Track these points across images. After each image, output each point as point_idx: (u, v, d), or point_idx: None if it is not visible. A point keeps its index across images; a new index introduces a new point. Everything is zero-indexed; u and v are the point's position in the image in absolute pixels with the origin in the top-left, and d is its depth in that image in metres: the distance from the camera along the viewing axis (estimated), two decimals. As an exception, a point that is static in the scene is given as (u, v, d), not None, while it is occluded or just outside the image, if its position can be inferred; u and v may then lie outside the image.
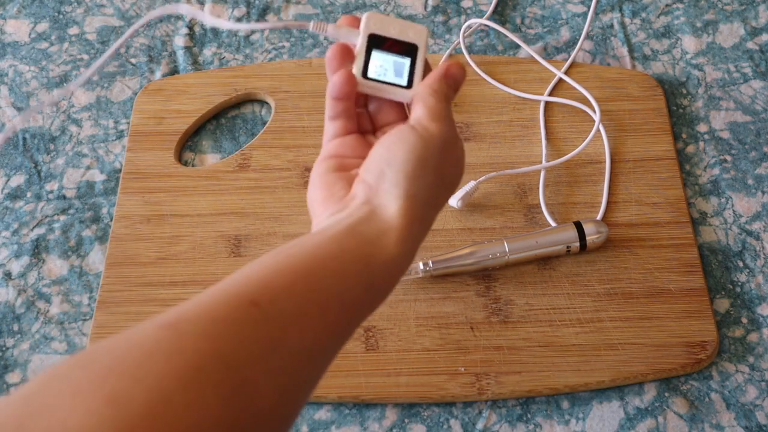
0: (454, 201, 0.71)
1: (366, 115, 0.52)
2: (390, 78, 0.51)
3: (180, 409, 0.34)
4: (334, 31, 0.51)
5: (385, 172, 0.46)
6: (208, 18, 0.52)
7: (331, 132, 0.51)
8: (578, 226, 0.69)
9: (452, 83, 0.50)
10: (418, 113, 0.48)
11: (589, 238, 0.68)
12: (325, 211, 0.48)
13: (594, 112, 0.76)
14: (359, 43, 0.50)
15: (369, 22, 0.51)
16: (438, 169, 0.47)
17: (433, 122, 0.48)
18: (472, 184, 0.71)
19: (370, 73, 0.50)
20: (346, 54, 0.50)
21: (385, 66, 0.51)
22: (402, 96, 0.50)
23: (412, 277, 0.67)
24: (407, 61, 0.51)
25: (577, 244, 0.68)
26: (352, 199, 0.47)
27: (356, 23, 0.51)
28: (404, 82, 0.51)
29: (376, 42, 0.51)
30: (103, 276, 0.69)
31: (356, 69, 0.50)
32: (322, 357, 0.43)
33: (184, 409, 0.34)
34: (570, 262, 0.69)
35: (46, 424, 0.32)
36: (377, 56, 0.51)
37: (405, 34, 0.51)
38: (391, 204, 0.46)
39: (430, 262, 0.67)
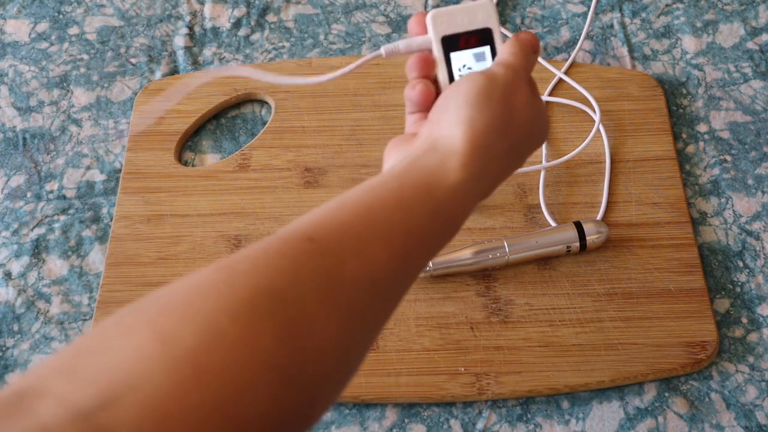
0: None
1: None
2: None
3: (229, 344, 0.34)
4: (407, 47, 0.50)
5: (448, 106, 0.47)
6: (271, 77, 0.51)
7: (410, 123, 0.51)
8: (578, 226, 0.69)
9: (526, 45, 0.50)
10: (494, 62, 0.49)
11: (589, 238, 0.68)
12: (393, 156, 0.48)
13: (594, 112, 0.76)
14: (435, 51, 0.50)
15: (436, 24, 0.50)
16: (506, 104, 0.47)
17: (500, 67, 0.48)
18: None
19: (457, 78, 0.50)
20: (424, 63, 0.50)
21: (468, 63, 0.50)
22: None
23: None
24: (486, 49, 0.50)
25: (577, 244, 0.68)
26: (418, 138, 0.47)
27: (423, 26, 0.51)
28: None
29: (450, 44, 0.50)
30: (103, 276, 0.69)
31: (442, 78, 0.50)
32: (388, 287, 0.42)
33: (233, 343, 0.34)
34: (570, 262, 0.69)
35: (97, 364, 0.32)
36: (457, 58, 0.50)
37: (474, 21, 0.50)
38: (452, 131, 0.46)
39: (430, 262, 0.67)
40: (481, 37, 0.50)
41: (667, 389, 0.65)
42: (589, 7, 0.87)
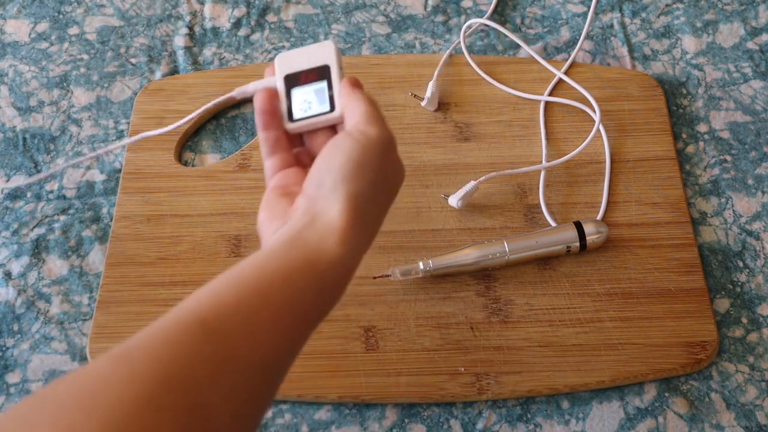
0: (454, 201, 0.71)
1: (305, 152, 0.54)
2: (315, 109, 0.52)
3: None
4: (255, 86, 0.54)
5: (324, 179, 0.47)
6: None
7: (270, 168, 0.53)
8: (578, 226, 0.69)
9: (361, 93, 0.51)
10: (352, 120, 0.50)
11: (589, 238, 0.68)
12: (270, 228, 0.49)
13: (594, 112, 0.76)
14: (279, 89, 0.53)
15: (280, 65, 0.53)
16: (379, 170, 0.48)
17: (368, 125, 0.49)
18: (472, 184, 0.71)
19: (296, 114, 0.52)
20: (268, 97, 0.53)
21: (307, 99, 0.52)
22: (331, 119, 0.52)
23: (412, 277, 0.67)
24: (324, 84, 0.52)
25: (577, 244, 0.68)
26: (295, 210, 0.48)
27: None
28: (328, 107, 0.52)
29: (291, 81, 0.53)
30: (103, 276, 0.69)
31: (284, 111, 0.52)
32: (276, 369, 0.43)
33: None
34: (570, 262, 0.69)
35: None
36: (297, 94, 0.52)
37: (313, 59, 0.53)
38: (331, 207, 0.46)
39: (430, 262, 0.67)
40: (320, 74, 0.52)
41: (667, 389, 0.65)
42: (589, 7, 0.87)
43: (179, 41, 0.85)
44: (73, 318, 0.69)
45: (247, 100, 0.81)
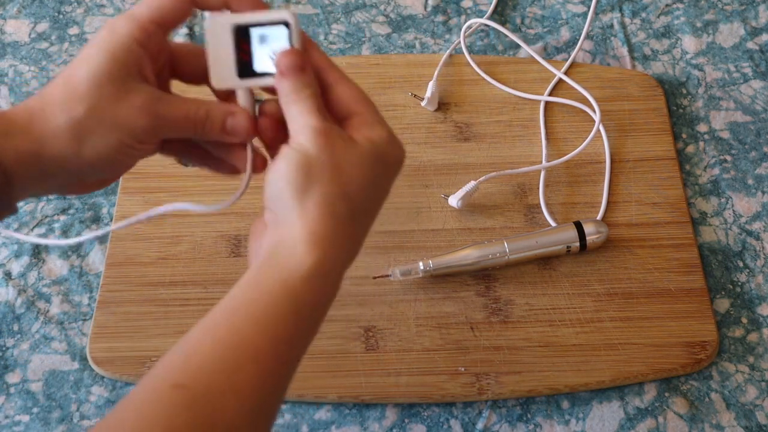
0: (454, 201, 0.71)
1: None
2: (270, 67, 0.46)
3: None
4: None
5: (279, 195, 0.44)
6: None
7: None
8: (578, 226, 0.69)
9: (306, 84, 0.46)
10: (292, 129, 0.45)
11: (589, 238, 0.68)
12: (254, 249, 0.47)
13: (594, 112, 0.76)
14: (223, 41, 0.46)
15: (217, 19, 0.46)
16: (329, 175, 0.44)
17: (308, 135, 0.44)
18: (472, 184, 0.71)
19: (258, 67, 0.46)
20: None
21: (273, 50, 0.46)
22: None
23: (412, 277, 0.67)
24: (285, 33, 0.46)
25: (577, 244, 0.68)
26: (267, 233, 0.45)
27: None
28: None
29: (241, 32, 0.46)
30: (103, 276, 0.69)
31: (228, 71, 0.46)
32: (268, 401, 0.41)
33: None
34: (570, 262, 0.69)
35: None
36: (257, 48, 0.46)
37: (269, 17, 0.46)
38: (288, 221, 0.43)
39: (430, 262, 0.67)
40: (243, 36, 0.46)
41: (667, 389, 0.65)
42: (589, 7, 0.87)
43: (179, 41, 0.85)
44: (73, 318, 0.69)
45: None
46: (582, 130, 0.77)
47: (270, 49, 0.47)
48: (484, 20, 0.84)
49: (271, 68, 0.46)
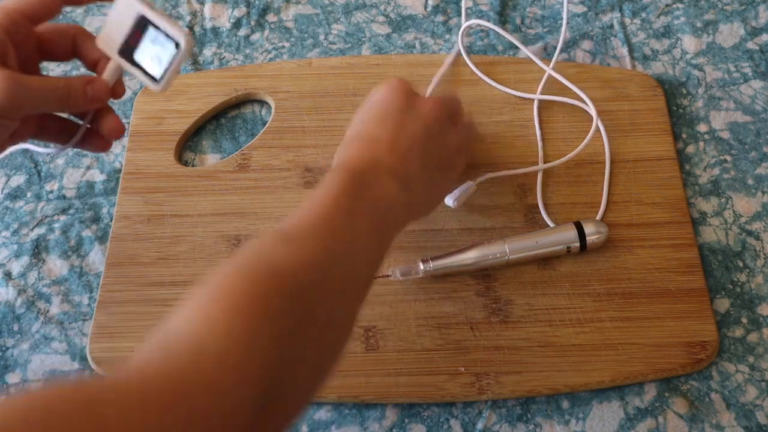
0: (449, 200, 0.71)
1: None
2: (167, 57, 0.51)
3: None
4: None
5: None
6: None
7: None
8: (578, 226, 0.69)
9: None
10: None
11: (589, 239, 0.68)
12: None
13: (587, 105, 0.76)
14: (123, 65, 0.52)
15: (104, 45, 0.52)
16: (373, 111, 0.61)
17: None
18: (469, 183, 0.71)
19: (157, 73, 0.51)
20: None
21: (154, 54, 0.51)
22: (185, 54, 0.51)
23: (412, 277, 0.67)
24: (153, 31, 0.51)
25: (578, 244, 0.68)
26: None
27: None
28: (173, 48, 0.50)
29: (126, 52, 0.51)
30: (103, 276, 0.69)
31: (149, 85, 0.52)
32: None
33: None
34: (570, 262, 0.69)
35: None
36: (141, 56, 0.51)
37: (125, 19, 0.51)
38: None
39: (431, 262, 0.67)
40: (142, 26, 0.51)
41: (667, 389, 0.65)
42: (589, 8, 0.87)
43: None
44: (73, 318, 0.69)
45: (252, 99, 0.81)
46: (582, 130, 0.77)
47: (155, 52, 0.51)
48: (480, 21, 0.84)
49: (147, 66, 0.52)
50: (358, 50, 0.85)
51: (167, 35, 0.51)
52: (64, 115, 0.59)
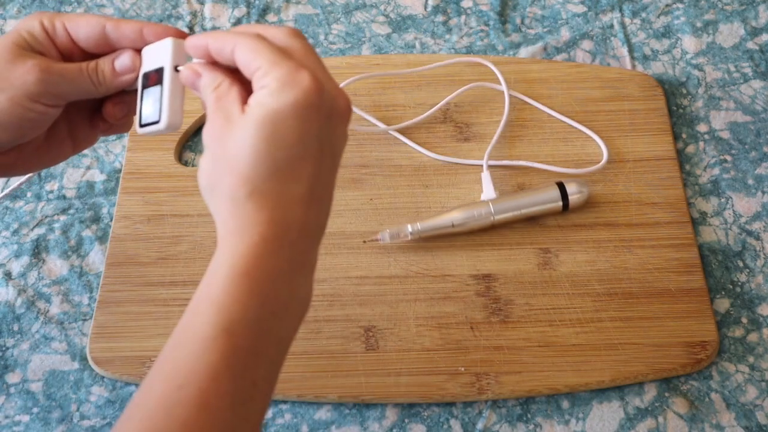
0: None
1: None
2: (151, 118, 0.48)
3: None
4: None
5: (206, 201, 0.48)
6: None
7: None
8: (561, 186, 0.70)
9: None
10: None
11: (571, 198, 0.70)
12: None
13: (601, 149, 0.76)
14: (138, 88, 0.50)
15: (144, 58, 0.49)
16: (224, 160, 0.44)
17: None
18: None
19: (144, 121, 0.48)
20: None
21: (151, 104, 0.48)
22: (159, 129, 0.48)
23: (401, 240, 0.69)
24: (158, 90, 0.48)
25: (560, 203, 0.70)
26: None
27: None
28: (156, 117, 0.47)
29: (144, 82, 0.49)
30: (103, 276, 0.69)
31: (136, 119, 0.49)
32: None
33: None
34: (570, 262, 0.69)
35: None
36: (147, 98, 0.48)
37: (156, 60, 0.48)
38: (217, 224, 0.47)
39: (418, 224, 0.69)
40: (158, 77, 0.48)
41: (667, 389, 0.65)
42: (589, 8, 0.87)
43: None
44: (73, 318, 0.69)
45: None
46: (581, 130, 0.77)
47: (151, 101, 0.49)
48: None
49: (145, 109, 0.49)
50: (358, 50, 0.85)
51: (160, 102, 0.48)
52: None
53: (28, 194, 0.75)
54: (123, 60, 0.50)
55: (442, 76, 0.80)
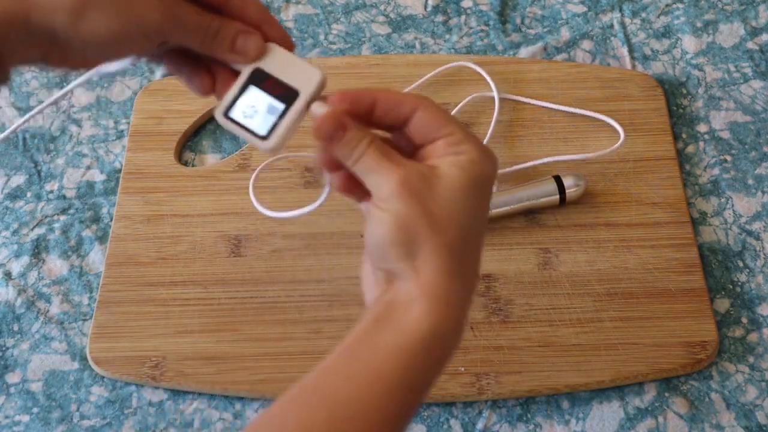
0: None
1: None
2: (253, 124, 0.45)
3: None
4: (234, 58, 0.47)
5: (385, 257, 0.43)
6: None
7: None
8: (558, 180, 0.71)
9: (326, 137, 0.43)
10: (368, 186, 0.44)
11: (568, 191, 0.70)
12: (369, 293, 0.47)
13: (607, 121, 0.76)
14: (242, 75, 0.46)
15: (266, 56, 0.46)
16: (430, 219, 0.42)
17: (379, 200, 0.43)
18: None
19: (234, 113, 0.45)
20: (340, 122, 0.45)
21: (256, 107, 0.45)
22: (259, 146, 0.45)
23: None
24: (282, 108, 0.45)
25: (557, 196, 0.70)
26: (380, 288, 0.45)
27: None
28: (264, 132, 0.45)
29: (257, 78, 0.46)
30: (103, 276, 0.69)
31: (222, 103, 0.46)
32: None
33: None
34: (570, 262, 0.69)
35: None
36: (251, 95, 0.45)
37: (293, 77, 0.45)
38: (404, 283, 0.42)
39: None
40: (286, 94, 0.45)
41: (667, 389, 0.65)
42: (589, 8, 0.87)
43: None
44: (73, 318, 0.69)
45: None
46: (582, 130, 0.77)
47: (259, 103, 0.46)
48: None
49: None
50: (358, 50, 0.85)
51: (276, 123, 0.45)
52: None
53: (28, 194, 0.75)
54: (248, 44, 0.46)
55: (442, 76, 0.80)
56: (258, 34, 0.46)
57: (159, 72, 0.83)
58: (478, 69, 0.79)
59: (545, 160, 0.74)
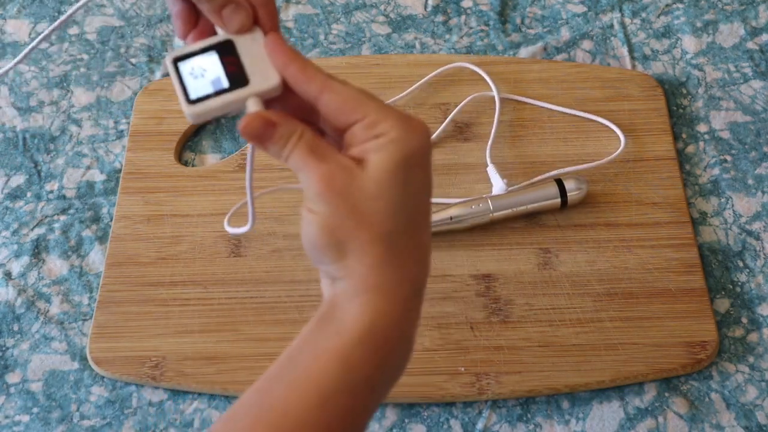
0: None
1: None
2: (190, 83, 0.44)
3: None
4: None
5: (320, 259, 0.42)
6: None
7: None
8: (559, 183, 0.71)
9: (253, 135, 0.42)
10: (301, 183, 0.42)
11: (570, 195, 0.70)
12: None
13: (618, 138, 0.76)
14: (214, 37, 0.45)
15: (246, 34, 0.45)
16: (356, 216, 0.40)
17: (307, 201, 0.41)
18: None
19: (183, 65, 0.44)
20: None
21: (205, 72, 0.44)
22: (182, 106, 0.44)
23: None
24: (225, 86, 0.44)
25: (558, 200, 0.70)
26: (325, 286, 0.44)
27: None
28: (194, 96, 0.43)
29: (223, 48, 0.45)
30: (103, 276, 0.69)
31: (179, 50, 0.44)
32: None
33: None
34: (570, 262, 0.69)
35: None
36: (208, 59, 0.44)
37: (254, 67, 0.44)
38: (340, 282, 0.42)
39: None
40: (237, 77, 0.44)
41: (667, 389, 0.65)
42: (589, 8, 0.87)
43: (179, 41, 0.85)
44: (73, 318, 0.69)
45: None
46: (581, 130, 0.77)
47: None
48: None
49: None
50: (358, 50, 0.85)
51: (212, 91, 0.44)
52: None
53: (28, 194, 0.75)
54: (233, 16, 0.44)
55: (442, 77, 0.80)
56: (248, 11, 0.44)
57: (159, 72, 0.83)
58: (478, 69, 0.79)
59: (547, 174, 0.74)
